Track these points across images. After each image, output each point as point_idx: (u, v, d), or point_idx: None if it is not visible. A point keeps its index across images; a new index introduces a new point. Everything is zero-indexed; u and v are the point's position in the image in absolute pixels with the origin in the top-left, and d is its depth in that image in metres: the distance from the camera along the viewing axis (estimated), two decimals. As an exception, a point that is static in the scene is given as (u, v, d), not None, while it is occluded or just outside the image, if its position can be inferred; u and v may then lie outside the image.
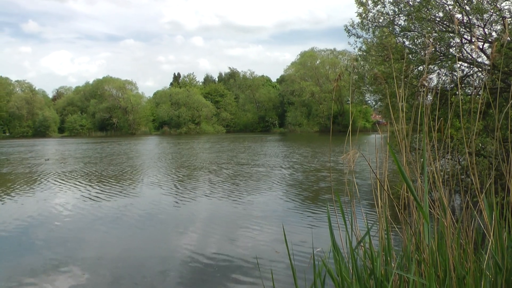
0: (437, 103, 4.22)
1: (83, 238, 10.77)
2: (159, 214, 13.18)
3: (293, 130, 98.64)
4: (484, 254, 3.53)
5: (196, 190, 17.50)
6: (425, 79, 5.43)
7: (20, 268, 8.47)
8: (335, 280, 3.58)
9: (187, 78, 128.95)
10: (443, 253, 3.47)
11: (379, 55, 13.19)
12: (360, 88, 15.07)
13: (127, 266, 8.48)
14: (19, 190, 18.17)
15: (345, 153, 3.64)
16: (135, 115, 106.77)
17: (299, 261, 8.21)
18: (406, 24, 12.72)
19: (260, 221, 11.89)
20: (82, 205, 14.71)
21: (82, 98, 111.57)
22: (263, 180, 20.01)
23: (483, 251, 3.58)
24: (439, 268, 3.43)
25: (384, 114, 22.45)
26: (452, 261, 3.44)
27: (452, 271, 3.41)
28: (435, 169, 4.04)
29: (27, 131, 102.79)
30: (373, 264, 3.52)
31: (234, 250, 9.34)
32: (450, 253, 3.46)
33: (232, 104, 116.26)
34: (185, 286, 7.47)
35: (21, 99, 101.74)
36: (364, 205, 13.01)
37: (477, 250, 3.75)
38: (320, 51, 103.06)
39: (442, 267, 3.43)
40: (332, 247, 3.62)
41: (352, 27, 14.10)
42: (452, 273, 3.40)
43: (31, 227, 11.80)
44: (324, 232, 10.54)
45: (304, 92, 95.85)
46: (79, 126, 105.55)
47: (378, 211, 3.92)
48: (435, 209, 3.81)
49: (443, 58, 12.19)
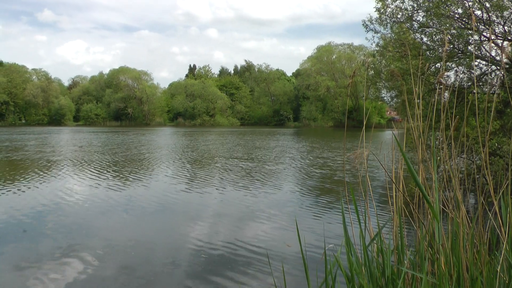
0: (454, 101, 4.16)
1: (95, 225, 10.83)
2: (172, 205, 13.23)
3: (307, 124, 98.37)
4: (498, 255, 3.48)
5: (209, 182, 17.53)
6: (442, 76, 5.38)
7: (32, 253, 8.55)
8: (347, 277, 3.56)
9: (203, 70, 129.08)
10: (456, 253, 3.44)
11: (397, 51, 13.10)
12: (376, 84, 14.96)
13: (138, 254, 8.51)
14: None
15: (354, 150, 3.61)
16: (150, 106, 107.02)
17: (310, 256, 8.19)
18: (424, 20, 12.62)
19: (271, 214, 11.88)
20: (99, 192, 14.80)
21: (97, 87, 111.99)
22: (276, 174, 20.00)
23: (497, 252, 3.54)
24: (452, 268, 3.39)
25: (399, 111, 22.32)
26: (466, 262, 3.41)
27: (465, 271, 3.37)
28: (450, 167, 4.00)
29: (43, 119, 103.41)
30: (386, 262, 3.50)
31: (245, 242, 9.34)
32: (464, 253, 3.42)
33: (247, 97, 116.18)
34: (195, 276, 7.48)
35: (37, 87, 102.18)
36: (378, 202, 12.96)
37: (491, 251, 3.70)
38: (337, 46, 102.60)
39: (455, 268, 3.39)
40: (346, 244, 3.59)
41: (370, 22, 14.02)
42: (465, 273, 3.36)
43: (47, 212, 11.89)
44: (335, 227, 10.51)
45: (320, 87, 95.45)
46: (94, 115, 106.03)
47: (392, 209, 3.89)
48: (449, 208, 3.77)
49: (461, 55, 12.07)
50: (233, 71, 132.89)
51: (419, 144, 3.92)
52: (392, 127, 5.10)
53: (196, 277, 7.46)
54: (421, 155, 3.93)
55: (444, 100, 5.16)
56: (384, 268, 3.49)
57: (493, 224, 3.76)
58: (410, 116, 4.16)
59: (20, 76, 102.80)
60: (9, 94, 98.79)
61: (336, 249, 8.30)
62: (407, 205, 3.96)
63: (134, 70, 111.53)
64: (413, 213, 3.86)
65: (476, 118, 3.77)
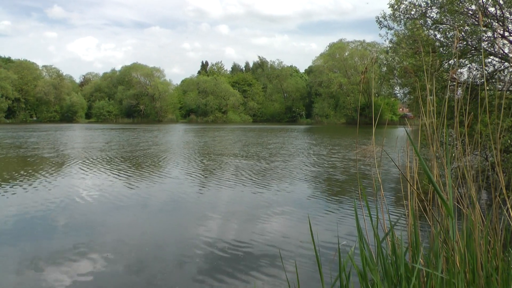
0: (467, 98, 4.13)
1: (107, 221, 10.91)
2: (184, 201, 13.27)
3: (319, 121, 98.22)
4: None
5: (221, 179, 17.54)
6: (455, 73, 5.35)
7: (44, 249, 8.62)
8: (360, 274, 3.56)
9: (215, 67, 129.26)
10: (471, 250, 3.43)
11: (410, 47, 13.04)
12: (389, 80, 14.92)
13: (151, 250, 8.55)
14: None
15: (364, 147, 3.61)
16: (162, 103, 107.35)
17: (323, 254, 8.18)
18: (438, 16, 12.55)
19: (283, 211, 11.88)
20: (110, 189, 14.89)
21: (109, 84, 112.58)
22: (289, 171, 19.97)
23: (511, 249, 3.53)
24: (467, 266, 3.39)
25: (412, 107, 22.20)
26: (480, 259, 3.40)
27: (480, 268, 3.36)
28: (464, 164, 3.98)
29: (54, 116, 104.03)
30: (398, 259, 3.49)
31: (257, 239, 9.35)
32: (479, 251, 3.41)
33: (259, 94, 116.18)
34: (207, 273, 7.50)
35: (48, 84, 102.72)
36: (391, 199, 12.93)
37: (505, 249, 3.69)
38: (349, 43, 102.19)
39: (470, 265, 3.38)
40: (359, 241, 3.59)
41: (383, 18, 13.98)
42: (480, 271, 3.35)
43: (60, 209, 11.98)
44: (349, 224, 10.49)
45: (332, 84, 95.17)
46: (107, 112, 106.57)
47: (405, 205, 3.89)
48: (463, 205, 3.76)
49: (474, 52, 12.00)
50: (245, 68, 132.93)
51: (432, 141, 3.91)
52: (404, 124, 5.09)
53: (208, 273, 7.48)
54: (435, 152, 3.92)
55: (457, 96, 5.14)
56: (398, 265, 3.49)
57: (508, 221, 3.75)
58: (424, 112, 4.15)
59: (31, 73, 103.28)
60: (20, 91, 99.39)
61: (349, 246, 8.30)
62: (421, 202, 3.95)
63: (146, 66, 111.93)
64: (427, 210, 3.85)
65: (488, 115, 3.75)
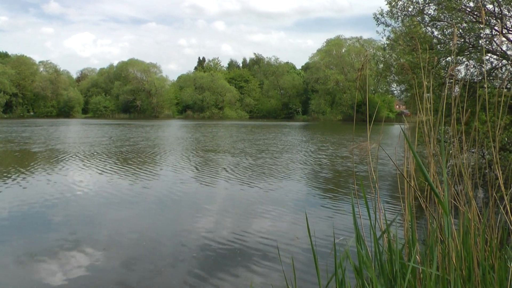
0: (465, 95, 4.14)
1: (104, 216, 10.89)
2: (180, 197, 13.26)
3: (316, 118, 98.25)
4: (509, 250, 3.47)
5: (217, 175, 17.55)
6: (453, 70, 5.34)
7: (40, 243, 8.60)
8: (356, 270, 3.55)
9: (212, 63, 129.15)
10: (467, 248, 3.42)
11: (407, 44, 13.04)
12: (387, 77, 14.91)
13: (147, 245, 8.54)
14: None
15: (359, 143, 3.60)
16: (158, 98, 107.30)
17: (320, 249, 8.18)
18: (435, 13, 12.54)
19: (280, 207, 11.87)
20: (107, 185, 14.87)
21: (106, 80, 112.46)
22: (285, 166, 19.97)
23: (508, 247, 3.53)
24: (463, 263, 3.38)
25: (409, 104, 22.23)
26: (477, 256, 3.40)
27: (476, 266, 3.36)
28: (461, 162, 3.98)
29: (51, 111, 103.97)
30: (393, 256, 3.49)
31: (253, 235, 9.34)
32: (475, 248, 3.41)
33: (256, 90, 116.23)
34: (204, 267, 7.50)
35: (45, 79, 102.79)
36: (388, 195, 12.94)
37: (502, 246, 3.69)
38: (346, 40, 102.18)
39: (466, 262, 3.38)
40: (356, 237, 3.59)
41: (381, 15, 13.97)
42: (476, 268, 3.35)
43: (54, 204, 11.95)
44: (345, 221, 10.49)
45: (329, 80, 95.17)
46: (103, 108, 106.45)
47: (402, 202, 3.88)
48: (460, 202, 3.75)
49: (472, 49, 12.00)
50: (242, 64, 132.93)
51: (429, 138, 3.90)
52: (401, 121, 5.07)
53: (205, 268, 7.47)
54: (431, 149, 3.91)
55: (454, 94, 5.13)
56: (393, 262, 3.49)
57: (504, 218, 3.75)
58: (420, 110, 4.14)
59: (28, 68, 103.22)
60: (18, 86, 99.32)
61: (346, 242, 8.31)
62: (417, 199, 3.95)
63: (143, 62, 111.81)
64: (423, 207, 3.85)
65: (486, 112, 3.74)
